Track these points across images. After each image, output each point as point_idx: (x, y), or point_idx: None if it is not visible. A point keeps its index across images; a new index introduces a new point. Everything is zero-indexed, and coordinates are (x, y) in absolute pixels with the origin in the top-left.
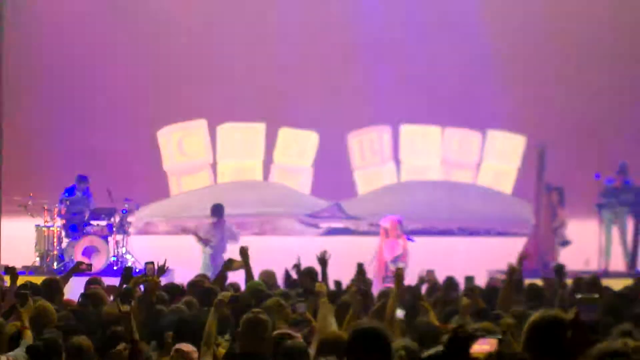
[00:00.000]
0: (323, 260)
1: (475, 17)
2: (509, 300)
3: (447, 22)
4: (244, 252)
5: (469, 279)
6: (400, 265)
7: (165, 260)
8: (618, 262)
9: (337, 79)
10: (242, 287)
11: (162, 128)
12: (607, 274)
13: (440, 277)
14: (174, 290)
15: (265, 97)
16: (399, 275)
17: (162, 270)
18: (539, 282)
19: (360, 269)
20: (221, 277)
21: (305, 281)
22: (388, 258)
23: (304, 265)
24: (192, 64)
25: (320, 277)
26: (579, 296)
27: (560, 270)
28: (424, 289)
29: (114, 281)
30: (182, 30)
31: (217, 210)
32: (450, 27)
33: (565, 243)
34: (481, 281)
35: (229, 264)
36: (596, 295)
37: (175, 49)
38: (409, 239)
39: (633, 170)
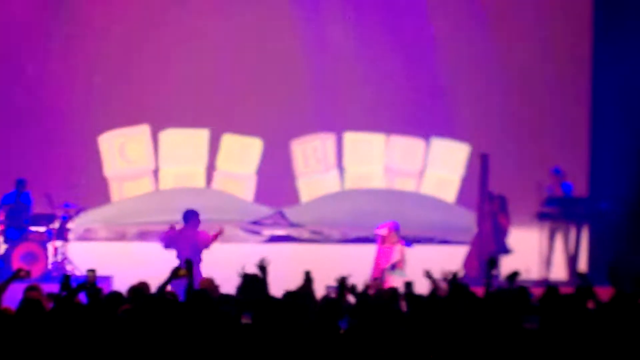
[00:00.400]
0: (262, 267)
1: (417, 24)
2: None
3: (391, 29)
4: (189, 262)
5: (408, 285)
6: (397, 272)
7: None
8: (559, 271)
9: (282, 86)
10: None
11: (103, 133)
12: (547, 283)
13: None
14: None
15: (208, 104)
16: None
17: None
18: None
19: (308, 277)
20: (164, 285)
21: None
22: (385, 265)
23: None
24: (134, 68)
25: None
26: None
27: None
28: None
29: (54, 288)
30: (123, 34)
31: (185, 217)
32: (395, 34)
33: (507, 251)
34: (425, 289)
35: (176, 272)
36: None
37: (116, 53)
38: (407, 245)
39: (573, 176)
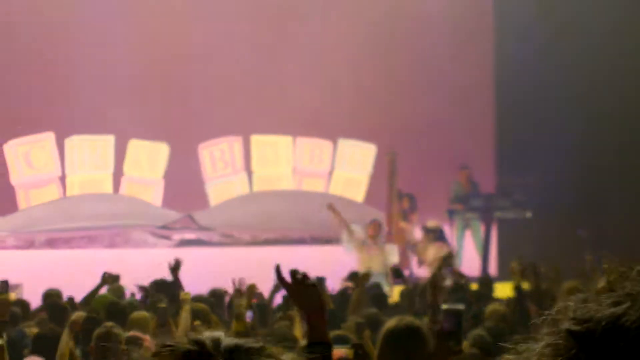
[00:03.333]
0: (174, 269)
1: (321, 25)
2: (360, 305)
3: (294, 31)
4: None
5: (320, 280)
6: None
7: None
8: (471, 267)
9: (187, 90)
10: None
11: (8, 142)
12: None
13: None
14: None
15: (113, 109)
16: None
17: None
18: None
19: (278, 271)
20: (91, 294)
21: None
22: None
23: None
24: (37, 75)
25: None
26: (444, 307)
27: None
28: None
29: None
30: (25, 41)
31: None
32: (298, 36)
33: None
34: (336, 289)
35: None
36: (461, 306)
37: (18, 59)
38: None
39: (480, 172)
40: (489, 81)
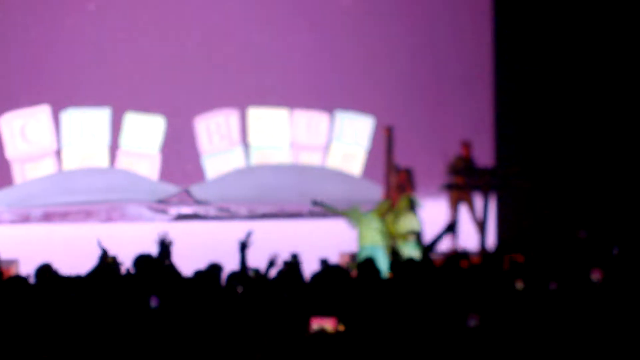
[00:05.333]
0: (163, 244)
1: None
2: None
3: (294, 4)
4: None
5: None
6: None
7: None
8: (469, 241)
9: (183, 63)
10: None
11: (3, 115)
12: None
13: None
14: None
15: (109, 82)
16: None
17: None
18: None
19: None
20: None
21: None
22: None
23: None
24: (32, 48)
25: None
26: None
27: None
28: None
29: None
30: (21, 14)
31: None
32: (297, 9)
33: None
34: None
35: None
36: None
37: (14, 32)
38: None
39: (479, 145)
40: (489, 54)
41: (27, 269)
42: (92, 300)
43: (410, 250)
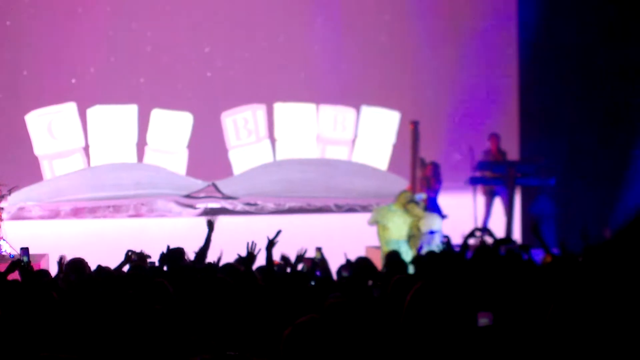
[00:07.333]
0: (210, 223)
1: None
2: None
3: None
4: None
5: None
6: None
7: None
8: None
9: (209, 58)
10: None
11: (30, 112)
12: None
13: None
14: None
15: (136, 79)
16: None
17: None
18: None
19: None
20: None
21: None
22: None
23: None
24: (59, 46)
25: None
26: None
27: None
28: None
29: None
30: (47, 11)
31: None
32: (323, 4)
33: (442, 217)
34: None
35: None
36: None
37: (40, 30)
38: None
39: (504, 140)
40: (514, 51)
41: (56, 263)
42: (118, 295)
43: (432, 248)
